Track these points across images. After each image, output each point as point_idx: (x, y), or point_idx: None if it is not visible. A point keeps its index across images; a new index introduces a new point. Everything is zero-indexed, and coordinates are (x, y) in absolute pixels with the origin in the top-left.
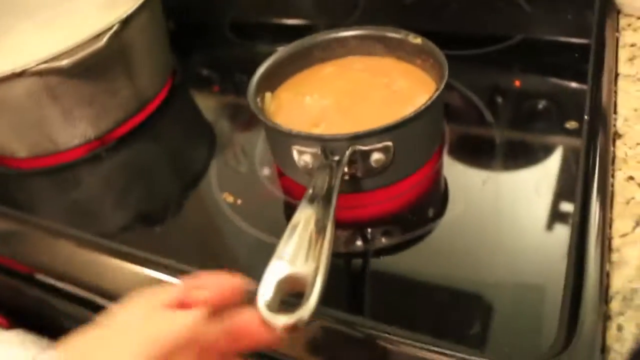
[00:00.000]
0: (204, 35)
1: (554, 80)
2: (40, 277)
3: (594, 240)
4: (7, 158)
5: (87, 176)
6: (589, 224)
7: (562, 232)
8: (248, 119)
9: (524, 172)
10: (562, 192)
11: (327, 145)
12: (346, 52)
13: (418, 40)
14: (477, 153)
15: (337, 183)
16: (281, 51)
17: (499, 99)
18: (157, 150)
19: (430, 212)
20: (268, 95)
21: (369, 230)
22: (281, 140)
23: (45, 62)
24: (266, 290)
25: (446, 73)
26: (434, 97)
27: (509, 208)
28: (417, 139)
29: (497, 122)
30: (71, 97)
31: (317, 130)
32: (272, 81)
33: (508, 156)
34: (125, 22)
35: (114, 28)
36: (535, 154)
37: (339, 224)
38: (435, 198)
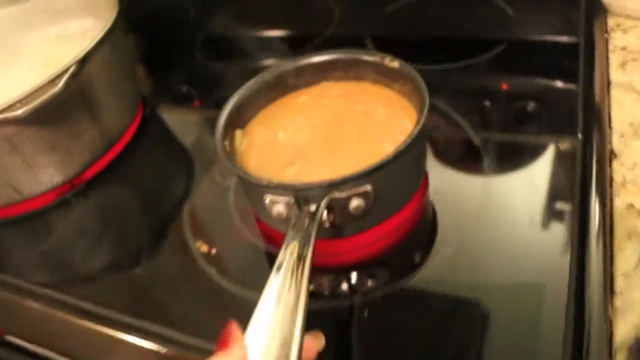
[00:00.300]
0: (177, 53)
1: (546, 91)
2: (11, 338)
3: (596, 287)
4: None
5: (56, 224)
6: (589, 268)
7: (561, 278)
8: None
9: (518, 204)
10: (557, 232)
11: (300, 194)
12: (320, 78)
13: (395, 63)
14: (466, 182)
15: (312, 241)
16: (251, 83)
17: (487, 119)
18: (127, 192)
19: (418, 253)
20: (238, 133)
21: (353, 274)
22: (252, 188)
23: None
24: None
25: (426, 104)
26: (415, 133)
27: (500, 243)
28: (399, 179)
29: (485, 147)
30: (31, 145)
31: (292, 170)
32: (242, 116)
33: (500, 186)
34: (83, 61)
35: (71, 70)
36: (529, 182)
37: (320, 269)
38: (423, 236)
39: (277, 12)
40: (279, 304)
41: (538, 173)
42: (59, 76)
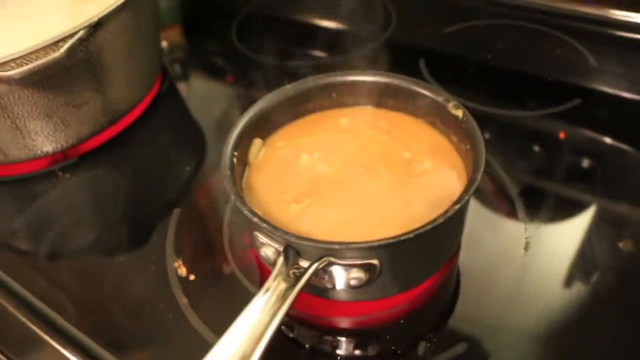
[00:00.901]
0: (217, 23)
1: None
2: None
3: None
4: None
5: (37, 194)
6: None
7: None
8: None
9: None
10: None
11: (292, 246)
12: (368, 100)
13: (459, 112)
14: (501, 265)
15: (292, 297)
16: (288, 88)
17: (538, 191)
18: (119, 176)
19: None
20: (257, 142)
21: (341, 339)
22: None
23: None
24: None
25: (478, 177)
26: (450, 212)
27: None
28: (419, 257)
29: (530, 225)
30: (23, 108)
31: (299, 207)
32: (268, 123)
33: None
34: (95, 27)
35: (79, 35)
36: (585, 278)
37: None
38: (435, 314)
39: (332, 3)
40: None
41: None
42: (62, 39)
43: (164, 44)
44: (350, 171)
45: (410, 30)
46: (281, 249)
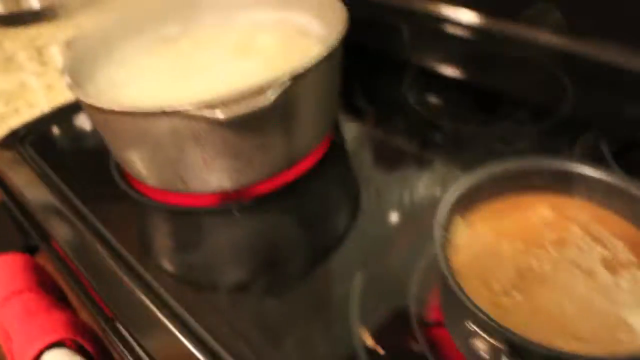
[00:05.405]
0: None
1: None
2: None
3: None
4: (139, 182)
5: (210, 227)
6: None
7: None
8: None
9: None
10: None
11: (516, 346)
12: (573, 191)
13: None
14: None
15: None
16: (491, 168)
17: None
18: (294, 224)
19: None
20: (460, 221)
21: None
22: (454, 299)
23: (199, 107)
24: None
25: None
26: None
27: None
28: None
29: None
30: (216, 147)
31: (507, 301)
32: (467, 202)
33: None
34: (301, 75)
35: (285, 83)
36: None
37: None
38: None
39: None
40: None
41: None
42: (269, 86)
43: None
44: (560, 268)
45: (588, 107)
46: (501, 346)
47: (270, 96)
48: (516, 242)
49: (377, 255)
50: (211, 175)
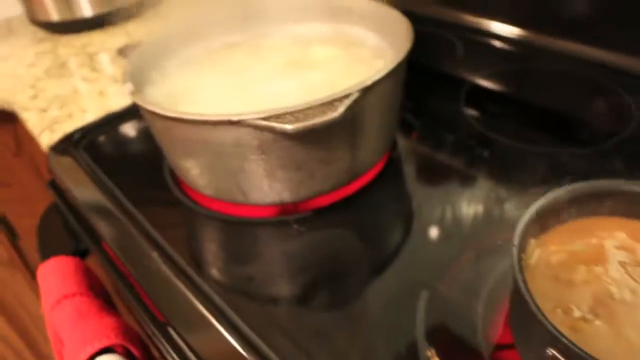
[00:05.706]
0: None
1: None
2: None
3: None
4: (195, 191)
5: (267, 239)
6: None
7: None
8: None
9: None
10: None
11: None
12: None
13: None
14: None
15: None
16: (566, 189)
17: None
18: (352, 238)
19: None
20: (533, 242)
21: None
22: (531, 324)
23: (268, 118)
24: None
25: None
26: None
27: None
28: None
29: None
30: (280, 159)
31: (582, 326)
32: (540, 224)
33: None
34: (369, 89)
35: (354, 96)
36: None
37: None
38: None
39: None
40: None
41: None
42: (338, 99)
43: None
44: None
45: None
46: None
47: (340, 109)
48: (593, 266)
49: (438, 272)
50: (272, 187)
